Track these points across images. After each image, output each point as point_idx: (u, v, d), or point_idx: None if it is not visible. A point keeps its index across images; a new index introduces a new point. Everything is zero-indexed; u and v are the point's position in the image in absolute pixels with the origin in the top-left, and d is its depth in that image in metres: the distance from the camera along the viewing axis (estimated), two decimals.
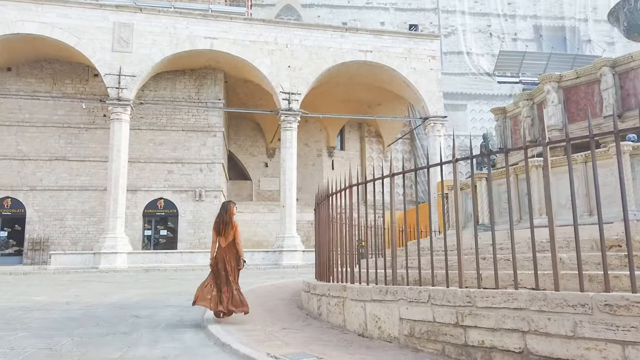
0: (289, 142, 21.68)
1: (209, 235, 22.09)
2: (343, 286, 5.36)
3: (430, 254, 4.85)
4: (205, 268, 18.38)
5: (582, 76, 7.20)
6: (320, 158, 28.77)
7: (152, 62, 20.77)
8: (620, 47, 32.05)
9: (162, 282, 12.15)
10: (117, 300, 8.28)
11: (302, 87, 21.99)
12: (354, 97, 27.32)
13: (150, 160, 22.75)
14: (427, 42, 23.76)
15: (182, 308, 7.39)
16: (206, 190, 22.92)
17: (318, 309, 6.03)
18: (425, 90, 23.22)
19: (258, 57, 21.74)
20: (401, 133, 29.53)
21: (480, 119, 29.83)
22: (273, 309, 6.83)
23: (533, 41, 31.51)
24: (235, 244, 6.38)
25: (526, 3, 31.93)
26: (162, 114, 23.12)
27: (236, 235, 6.44)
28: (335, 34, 22.77)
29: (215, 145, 23.36)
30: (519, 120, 8.68)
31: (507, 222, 6.75)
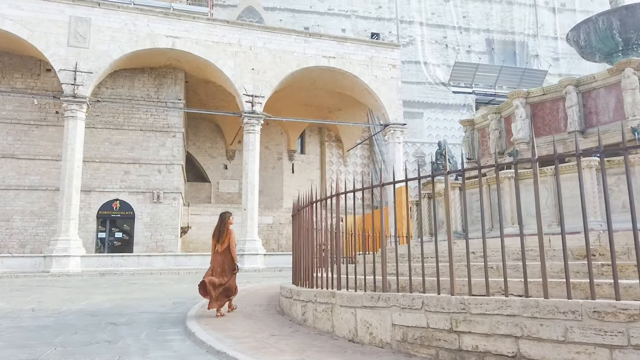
0: (251, 145, 21.58)
1: (166, 239, 21.73)
2: (332, 293, 5.48)
3: (408, 261, 5.07)
4: (164, 272, 18.01)
5: (548, 93, 7.67)
6: (280, 161, 28.77)
7: (110, 59, 20.12)
8: (565, 63, 34.08)
9: (125, 287, 11.82)
10: (86, 307, 8.02)
11: (265, 90, 21.95)
12: (315, 101, 27.54)
13: (106, 160, 22.00)
14: (388, 50, 24.32)
15: (159, 314, 7.27)
16: (164, 192, 22.40)
17: (303, 315, 6.11)
18: (386, 98, 23.75)
19: (221, 58, 21.52)
20: (360, 138, 30.02)
21: (435, 127, 30.78)
22: (253, 315, 6.85)
23: (486, 54, 32.88)
24: (230, 250, 7.35)
25: (479, 17, 33.29)
26: (120, 112, 22.42)
27: (231, 243, 7.40)
28: (299, 38, 22.90)
29: (174, 146, 22.89)
30: (486, 132, 9.12)
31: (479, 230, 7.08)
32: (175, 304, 8.58)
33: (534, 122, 7.72)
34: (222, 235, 7.36)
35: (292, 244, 9.00)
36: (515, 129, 7.75)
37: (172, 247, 22.08)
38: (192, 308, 7.65)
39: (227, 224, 7.43)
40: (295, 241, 8.68)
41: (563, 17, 34.59)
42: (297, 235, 8.51)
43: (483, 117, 9.11)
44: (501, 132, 8.48)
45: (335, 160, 29.95)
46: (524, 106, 7.74)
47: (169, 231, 22.27)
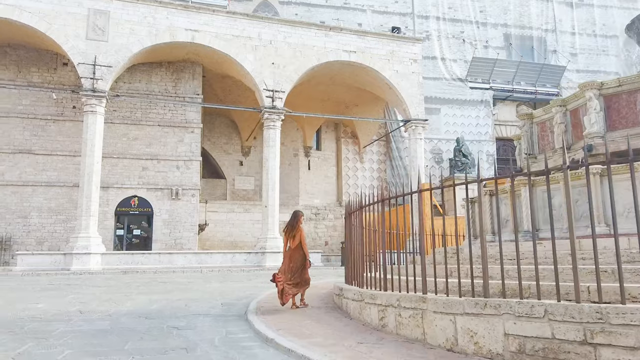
0: (272, 141, 21.19)
1: (185, 236, 21.37)
2: (421, 297, 5.09)
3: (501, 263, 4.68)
4: (186, 270, 17.65)
5: (624, 84, 7.27)
6: (296, 158, 28.37)
7: (130, 53, 19.72)
8: (583, 58, 33.59)
9: (160, 287, 11.45)
10: (133, 309, 7.64)
11: (286, 85, 21.54)
12: (333, 97, 27.13)
13: (124, 156, 21.63)
14: (409, 45, 23.88)
15: (216, 317, 6.89)
16: (183, 188, 22.03)
17: (381, 320, 5.72)
18: (407, 93, 23.32)
19: (241, 52, 21.11)
20: (377, 135, 29.59)
21: (453, 123, 30.32)
22: (321, 319, 6.46)
23: (503, 49, 32.38)
24: (301, 246, 7.69)
25: (497, 11, 32.78)
26: (137, 107, 22.03)
27: (302, 239, 7.75)
28: (320, 32, 22.47)
29: (193, 142, 22.50)
30: (547, 126, 8.71)
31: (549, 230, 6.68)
32: (224, 305, 8.21)
33: (607, 115, 7.31)
34: (294, 232, 7.73)
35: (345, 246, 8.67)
36: (589, 122, 7.34)
37: (190, 245, 21.72)
38: (248, 309, 7.27)
39: (298, 221, 7.80)
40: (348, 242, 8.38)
41: (581, 12, 34.11)
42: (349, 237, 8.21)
43: (544, 110, 8.69)
44: (567, 125, 8.07)
45: (352, 157, 29.54)
46: (598, 98, 7.32)
47: (188, 228, 21.91)
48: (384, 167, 29.76)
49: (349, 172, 29.33)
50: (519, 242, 5.41)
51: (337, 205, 28.62)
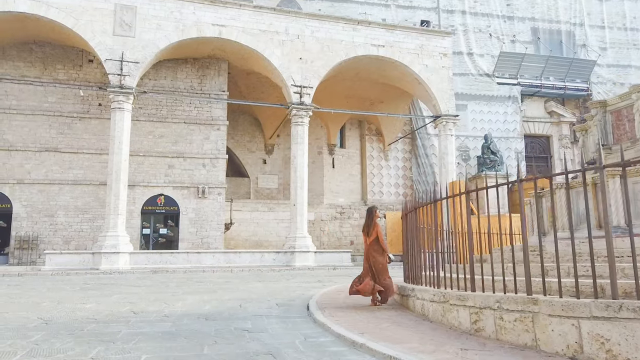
0: (300, 138, 20.72)
1: (211, 235, 20.99)
2: (532, 299, 4.54)
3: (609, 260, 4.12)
4: (216, 270, 17.23)
5: None
6: (320, 156, 27.89)
7: (157, 49, 19.39)
8: (612, 53, 32.67)
9: (202, 286, 11.01)
10: (188, 309, 7.19)
11: (313, 81, 21.08)
12: (357, 93, 26.62)
13: (150, 154, 21.31)
14: (438, 38, 23.27)
15: (280, 318, 6.42)
16: (209, 186, 21.65)
17: (475, 324, 5.19)
18: (437, 88, 22.72)
19: (268, 47, 20.67)
20: (402, 132, 29.01)
21: (480, 119, 29.64)
22: (397, 321, 5.94)
23: (531, 43, 31.61)
24: (378, 242, 7.57)
25: (524, 5, 31.99)
26: (163, 104, 21.71)
27: (379, 234, 7.62)
28: (347, 26, 21.96)
29: (219, 139, 22.13)
30: (622, 115, 8.11)
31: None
32: (280, 305, 7.74)
33: None
34: (370, 228, 7.60)
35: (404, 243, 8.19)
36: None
37: (217, 244, 21.34)
38: (310, 310, 6.77)
39: (374, 217, 7.66)
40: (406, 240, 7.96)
41: (610, 5, 33.19)
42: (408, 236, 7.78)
43: (621, 97, 8.09)
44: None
45: (376, 155, 28.98)
46: None
47: (214, 227, 21.53)
48: (409, 165, 29.15)
49: (373, 170, 28.78)
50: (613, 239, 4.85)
51: (362, 204, 28.06)
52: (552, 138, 32.02)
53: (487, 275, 6.31)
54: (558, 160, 32.18)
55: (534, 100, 31.40)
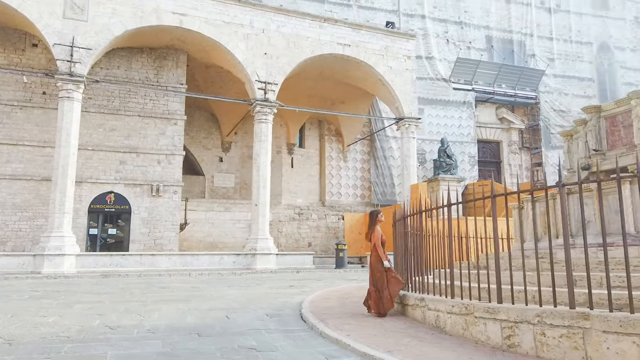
0: (264, 136, 19.97)
1: (166, 236, 19.84)
2: (583, 314, 4.20)
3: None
4: (173, 273, 16.19)
5: None
6: (279, 155, 27.17)
7: (112, 35, 18.01)
8: (560, 64, 34.13)
9: (166, 293, 10.09)
10: (170, 322, 6.38)
11: (279, 77, 20.40)
12: (320, 93, 26.17)
13: (100, 148, 19.80)
14: (403, 41, 23.27)
15: (282, 332, 5.79)
16: (164, 184, 20.42)
17: (507, 339, 4.81)
18: (400, 90, 22.69)
19: (232, 40, 19.79)
20: (361, 134, 28.84)
21: (436, 123, 30.01)
22: (413, 335, 5.48)
23: (485, 51, 32.41)
24: (376, 249, 7.17)
25: (480, 13, 32.77)
26: (115, 95, 20.25)
27: (375, 241, 7.18)
28: (314, 23, 21.46)
29: (175, 135, 20.93)
30: (617, 121, 8.11)
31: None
32: (271, 315, 7.08)
33: None
34: (370, 233, 7.29)
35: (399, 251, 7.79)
36: None
37: (171, 246, 20.16)
38: (311, 321, 6.18)
39: (375, 222, 7.30)
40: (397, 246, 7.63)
41: (558, 18, 34.69)
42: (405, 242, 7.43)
43: (617, 103, 8.07)
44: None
45: (335, 156, 28.65)
46: None
47: (169, 228, 20.33)
48: (368, 166, 29.04)
49: (332, 171, 28.42)
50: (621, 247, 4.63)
51: (320, 204, 27.65)
52: (502, 144, 33.02)
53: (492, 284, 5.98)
54: (507, 166, 33.27)
55: (486, 107, 32.24)
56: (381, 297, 6.97)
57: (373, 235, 7.24)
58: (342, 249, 19.46)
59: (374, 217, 7.35)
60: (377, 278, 7.05)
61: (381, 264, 7.09)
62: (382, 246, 7.21)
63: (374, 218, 7.34)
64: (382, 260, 7.04)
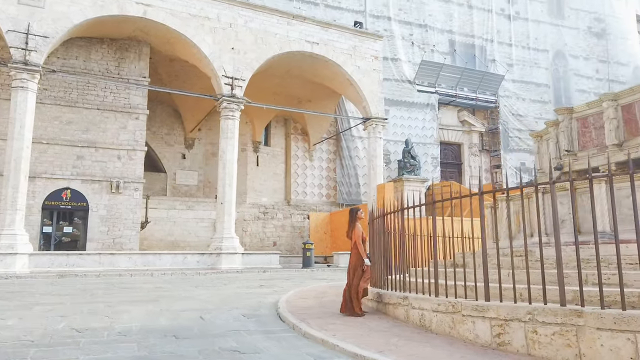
0: (230, 133, 19.52)
1: (125, 235, 19.11)
2: (576, 311, 4.19)
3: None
4: (134, 273, 15.57)
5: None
6: (245, 153, 26.70)
7: (70, 23, 17.15)
8: (518, 69, 35.19)
9: (131, 294, 9.61)
10: (143, 324, 6.02)
11: (246, 73, 20.01)
12: (286, 91, 25.90)
13: (55, 142, 18.83)
14: (370, 41, 23.33)
15: (263, 333, 5.54)
16: (125, 181, 19.64)
17: (497, 337, 4.76)
18: (368, 90, 22.74)
19: (199, 33, 19.25)
20: (327, 133, 28.77)
21: (401, 125, 30.31)
22: (398, 334, 5.37)
23: (449, 54, 33.01)
24: (356, 246, 7.03)
25: (443, 17, 33.34)
26: (73, 87, 19.31)
27: (356, 238, 7.05)
28: (282, 20, 21.20)
29: (137, 130, 20.17)
30: (588, 122, 8.31)
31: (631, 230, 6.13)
32: (247, 316, 6.82)
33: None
34: (350, 230, 7.14)
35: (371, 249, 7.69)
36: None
37: (132, 245, 19.42)
38: (292, 322, 5.97)
39: (354, 219, 7.15)
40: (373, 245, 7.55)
41: (517, 25, 35.76)
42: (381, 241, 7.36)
43: (588, 105, 8.27)
44: (619, 121, 7.67)
45: (301, 155, 28.44)
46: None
47: (129, 226, 19.57)
48: (333, 166, 28.99)
49: (298, 170, 28.20)
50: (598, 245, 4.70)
51: (285, 204, 27.39)
52: (463, 146, 33.75)
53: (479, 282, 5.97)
54: (468, 167, 34.03)
55: (448, 109, 32.84)
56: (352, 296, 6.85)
57: (354, 233, 7.10)
58: (310, 249, 19.29)
59: (353, 214, 7.21)
60: (352, 276, 6.91)
61: (362, 262, 6.96)
62: (362, 244, 7.08)
63: (354, 215, 7.20)
64: (363, 258, 6.90)
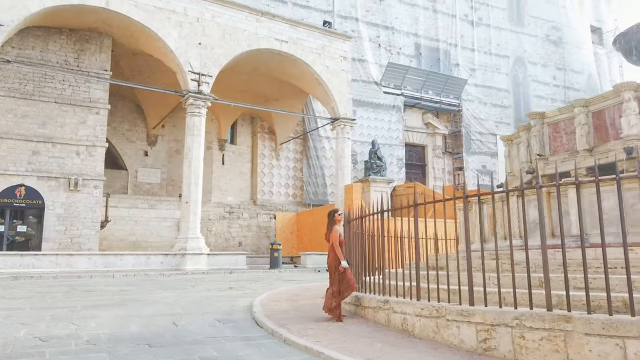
0: (197, 130, 19.03)
1: (84, 234, 18.39)
2: (565, 316, 4.20)
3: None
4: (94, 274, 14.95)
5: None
6: (210, 151, 26.12)
7: (27, 12, 16.27)
8: (480, 74, 36.01)
9: (97, 298, 9.14)
10: (112, 331, 5.68)
11: (213, 69, 19.57)
12: (253, 88, 25.52)
13: (9, 136, 17.81)
14: (339, 41, 23.31)
15: (243, 341, 5.34)
16: (84, 178, 18.82)
17: (483, 342, 4.73)
18: (337, 90, 22.71)
19: (164, 27, 18.68)
20: (294, 132, 28.56)
21: (367, 125, 30.46)
22: (382, 339, 5.27)
23: (414, 57, 33.43)
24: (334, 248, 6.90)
25: (409, 21, 33.73)
26: (29, 79, 18.33)
27: (333, 240, 6.92)
28: (251, 16, 20.86)
29: (97, 125, 19.36)
30: (560, 127, 8.49)
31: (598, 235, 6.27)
32: (222, 321, 6.57)
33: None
34: (328, 232, 7.03)
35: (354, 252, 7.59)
36: (627, 125, 7.15)
37: (91, 245, 18.62)
38: (271, 327, 5.78)
39: (333, 221, 7.04)
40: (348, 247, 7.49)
41: (479, 31, 36.58)
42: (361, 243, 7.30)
43: (559, 110, 8.45)
44: (589, 127, 7.86)
45: (267, 154, 28.12)
46: (635, 99, 7.16)
47: (88, 225, 18.76)
48: (300, 165, 28.81)
49: (264, 169, 27.86)
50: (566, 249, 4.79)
51: (251, 203, 27.01)
52: (427, 148, 34.26)
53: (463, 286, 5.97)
54: (431, 169, 34.58)
55: (413, 111, 33.25)
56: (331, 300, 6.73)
57: (331, 235, 6.99)
58: (277, 249, 19.05)
59: (331, 216, 7.10)
60: (337, 280, 6.80)
61: (339, 264, 6.84)
62: (340, 246, 6.95)
63: (331, 217, 7.09)
64: (340, 259, 6.79)
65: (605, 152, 7.61)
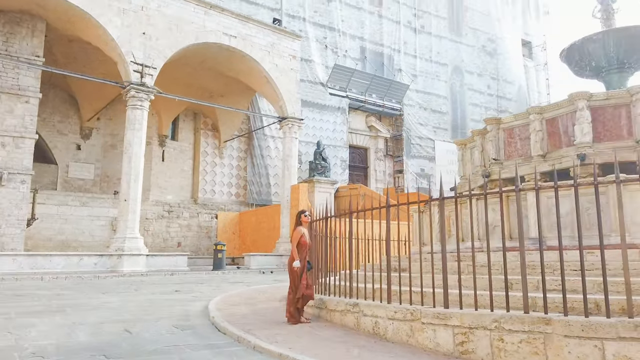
0: (138, 124, 18.07)
1: (9, 233, 17.02)
2: (544, 319, 4.24)
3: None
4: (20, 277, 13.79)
5: (611, 98, 7.57)
6: (149, 147, 24.80)
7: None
8: (421, 80, 37.04)
9: (30, 303, 8.32)
10: (62, 342, 5.11)
11: (158, 61, 18.69)
12: (199, 83, 24.70)
13: None
14: (289, 40, 23.07)
15: (210, 349, 5.00)
16: (10, 172, 17.31)
17: (460, 346, 4.70)
18: (285, 89, 22.45)
19: (106, 14, 17.59)
20: (239, 130, 27.96)
21: (312, 126, 30.40)
22: (367, 348, 5.12)
23: (360, 61, 33.82)
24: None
25: (355, 24, 34.08)
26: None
27: (292, 240, 6.81)
28: (199, 8, 20.14)
29: (27, 115, 17.88)
30: (514, 133, 8.77)
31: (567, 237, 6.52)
32: (180, 327, 6.15)
33: (594, 126, 7.55)
34: (293, 233, 6.88)
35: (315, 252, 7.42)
36: (581, 132, 7.49)
37: (15, 244, 17.15)
38: (236, 333, 5.46)
39: (298, 222, 6.87)
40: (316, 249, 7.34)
41: (421, 39, 37.64)
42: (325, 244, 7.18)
43: (515, 117, 8.73)
44: (543, 134, 8.17)
45: (211, 151, 27.31)
46: (588, 108, 7.51)
47: (13, 223, 17.27)
48: (244, 164, 28.23)
49: (207, 167, 27.03)
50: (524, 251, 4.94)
51: (192, 202, 26.10)
52: (369, 150, 34.77)
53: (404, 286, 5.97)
54: (373, 171, 35.14)
55: (357, 114, 33.63)
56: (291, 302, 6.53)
57: (292, 235, 6.84)
58: (221, 250, 18.49)
59: (298, 216, 6.90)
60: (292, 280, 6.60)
61: (304, 265, 6.65)
62: (303, 247, 6.73)
63: (298, 217, 6.88)
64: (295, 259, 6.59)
65: (558, 158, 7.93)
